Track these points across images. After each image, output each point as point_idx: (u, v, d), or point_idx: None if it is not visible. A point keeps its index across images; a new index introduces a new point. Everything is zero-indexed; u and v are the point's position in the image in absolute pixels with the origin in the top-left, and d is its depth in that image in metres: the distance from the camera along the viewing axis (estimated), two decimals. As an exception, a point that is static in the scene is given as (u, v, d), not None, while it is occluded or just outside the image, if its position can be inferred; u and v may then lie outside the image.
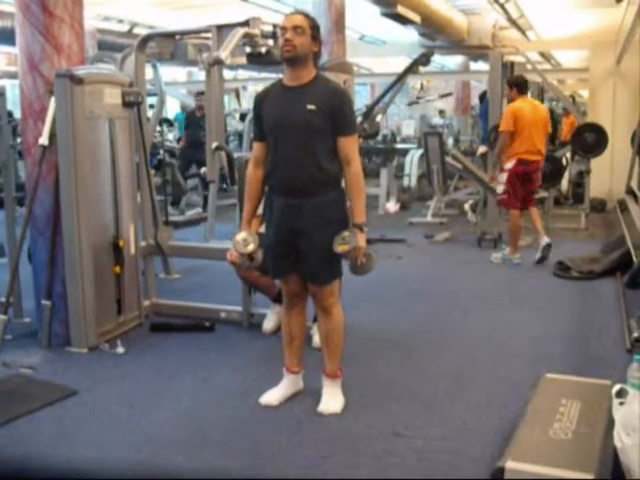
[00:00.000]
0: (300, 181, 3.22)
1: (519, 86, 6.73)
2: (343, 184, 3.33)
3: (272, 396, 3.47)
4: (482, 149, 9.34)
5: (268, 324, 4.57)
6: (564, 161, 9.42)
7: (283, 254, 3.32)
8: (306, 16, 3.27)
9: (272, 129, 3.28)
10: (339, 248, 3.18)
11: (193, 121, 9.98)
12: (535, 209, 6.90)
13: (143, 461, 2.96)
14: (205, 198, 10.07)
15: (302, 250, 3.27)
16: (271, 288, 4.48)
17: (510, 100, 6.80)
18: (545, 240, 6.55)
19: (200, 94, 10.59)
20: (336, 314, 3.37)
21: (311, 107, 3.18)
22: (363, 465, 2.90)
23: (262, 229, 3.53)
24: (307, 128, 3.20)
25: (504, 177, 6.60)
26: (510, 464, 2.51)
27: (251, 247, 3.33)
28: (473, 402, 3.51)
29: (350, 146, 3.24)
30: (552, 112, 15.44)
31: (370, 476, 2.83)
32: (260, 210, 3.50)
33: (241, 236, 3.36)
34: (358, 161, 3.26)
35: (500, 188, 6.68)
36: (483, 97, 10.99)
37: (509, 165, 6.56)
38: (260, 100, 3.37)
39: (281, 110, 3.25)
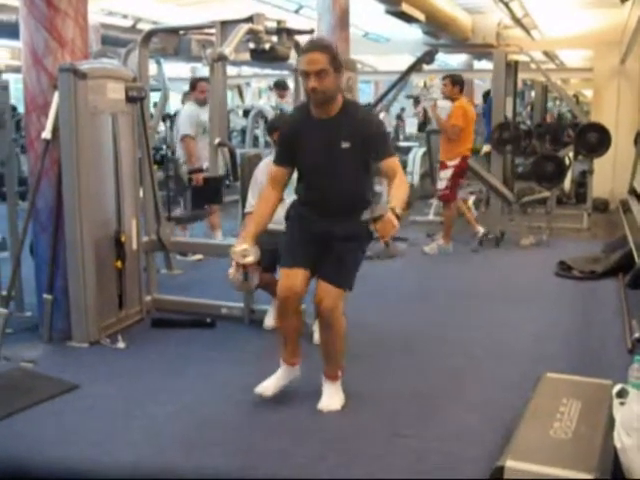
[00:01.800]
0: (337, 208, 3.29)
1: (462, 85, 7.04)
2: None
3: (267, 386, 3.39)
4: (486, 148, 9.33)
5: (269, 320, 4.57)
6: (567, 161, 9.40)
7: (309, 243, 3.30)
8: (324, 50, 3.14)
9: (309, 165, 3.32)
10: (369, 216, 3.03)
11: None
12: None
13: (141, 459, 2.95)
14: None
15: (331, 248, 3.26)
16: (272, 284, 4.47)
17: (451, 97, 7.02)
18: (480, 230, 7.30)
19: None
20: (337, 324, 3.32)
21: (346, 145, 3.19)
22: (361, 465, 2.89)
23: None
24: (344, 165, 3.24)
25: (448, 173, 6.91)
26: (510, 463, 2.51)
27: (250, 258, 3.22)
28: (473, 401, 3.51)
29: (393, 164, 3.23)
30: (560, 117, 15.45)
31: (367, 476, 2.82)
32: None
33: (241, 247, 3.23)
34: (402, 170, 3.28)
35: (442, 184, 6.99)
36: (487, 96, 10.97)
37: (455, 162, 6.89)
38: (295, 130, 3.34)
39: (317, 146, 3.25)
